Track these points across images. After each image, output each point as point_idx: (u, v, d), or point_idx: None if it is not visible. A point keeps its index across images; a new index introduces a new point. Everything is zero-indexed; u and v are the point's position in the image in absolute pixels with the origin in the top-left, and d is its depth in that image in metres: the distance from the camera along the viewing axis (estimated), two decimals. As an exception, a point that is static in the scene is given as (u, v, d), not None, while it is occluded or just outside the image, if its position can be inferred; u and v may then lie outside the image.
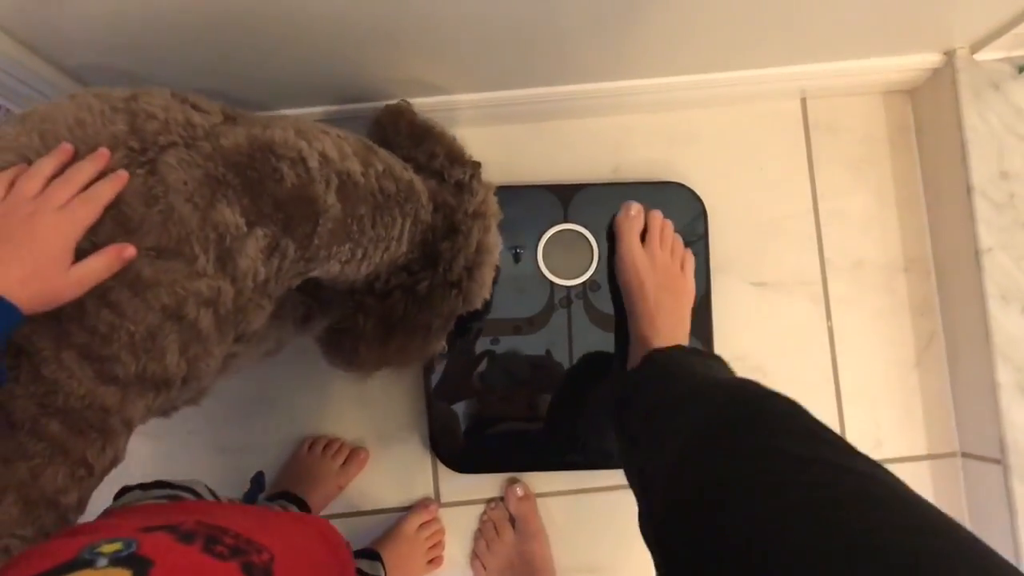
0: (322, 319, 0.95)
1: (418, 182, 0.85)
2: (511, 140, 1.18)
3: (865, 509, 0.48)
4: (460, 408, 1.14)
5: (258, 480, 0.95)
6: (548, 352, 1.14)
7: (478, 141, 1.16)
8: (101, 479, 0.61)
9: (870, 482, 0.51)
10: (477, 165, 0.95)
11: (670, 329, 1.03)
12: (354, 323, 0.90)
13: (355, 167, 0.74)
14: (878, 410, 1.17)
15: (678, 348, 0.96)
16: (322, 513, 1.14)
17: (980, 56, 1.07)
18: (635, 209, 1.09)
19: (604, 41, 0.96)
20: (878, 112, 1.20)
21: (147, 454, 1.14)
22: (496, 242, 0.96)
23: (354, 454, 1.15)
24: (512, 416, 1.14)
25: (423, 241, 0.86)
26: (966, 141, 1.06)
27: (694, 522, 0.56)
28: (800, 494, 0.51)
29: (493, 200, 0.95)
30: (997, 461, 1.05)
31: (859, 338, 1.18)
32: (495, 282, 1.05)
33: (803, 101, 1.20)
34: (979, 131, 1.06)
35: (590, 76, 1.07)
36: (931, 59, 1.09)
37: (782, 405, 0.65)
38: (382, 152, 0.81)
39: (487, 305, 1.05)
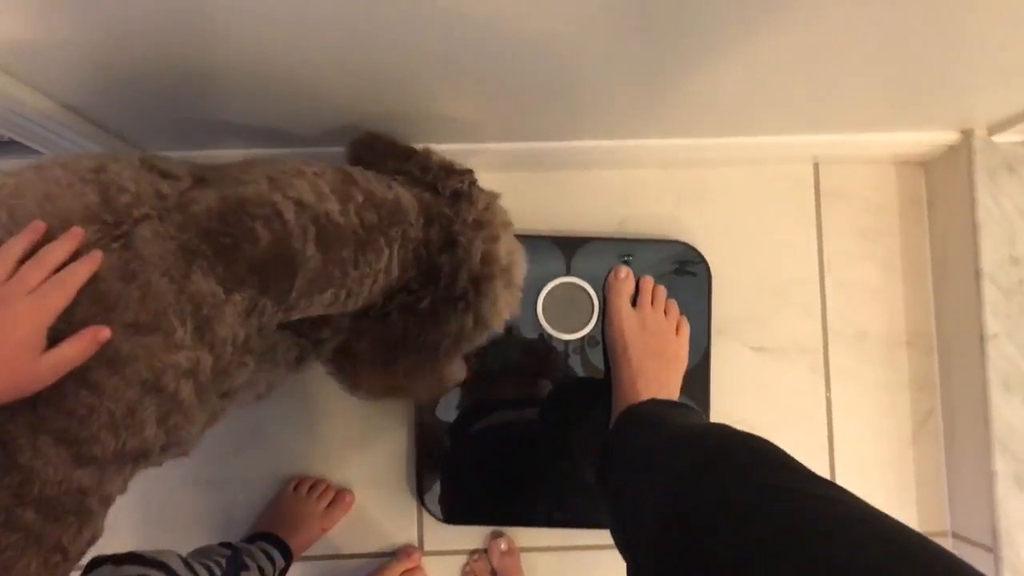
0: (317, 356, 0.93)
1: (405, 198, 0.80)
2: (517, 186, 1.16)
3: (835, 530, 0.51)
4: (448, 457, 1.12)
5: (234, 561, 0.93)
6: (541, 405, 1.13)
7: (482, 184, 1.15)
8: (77, 560, 0.59)
9: (840, 506, 0.55)
10: (471, 172, 0.90)
11: (651, 395, 1.02)
12: (350, 344, 0.87)
13: (333, 207, 0.72)
14: (871, 483, 1.16)
15: (652, 401, 0.97)
16: (303, 555, 1.12)
17: (998, 138, 1.05)
18: (624, 272, 1.09)
19: (624, 104, 0.94)
20: (890, 182, 1.18)
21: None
22: (510, 252, 0.89)
23: (339, 497, 1.13)
24: (500, 469, 1.13)
25: (418, 257, 0.81)
26: (978, 224, 1.04)
27: (682, 560, 0.57)
28: (779, 522, 0.54)
29: (499, 208, 0.91)
30: (989, 549, 1.04)
31: (857, 410, 1.17)
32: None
33: (816, 166, 1.18)
34: (992, 214, 1.04)
35: (604, 134, 1.06)
36: (948, 137, 1.08)
37: (756, 443, 0.69)
38: (361, 178, 0.77)
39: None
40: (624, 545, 0.73)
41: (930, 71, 0.86)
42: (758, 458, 0.66)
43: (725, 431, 0.73)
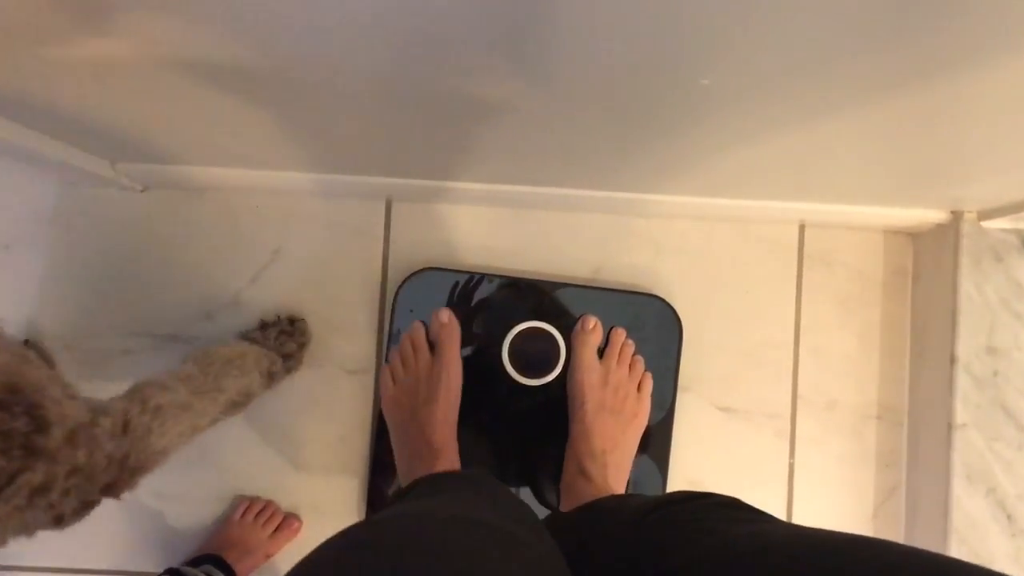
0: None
1: None
2: (495, 223, 1.14)
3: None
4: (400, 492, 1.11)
5: None
6: (500, 450, 1.11)
7: (455, 218, 1.14)
8: None
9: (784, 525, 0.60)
10: None
11: (600, 452, 1.02)
12: None
13: None
14: (827, 556, 1.14)
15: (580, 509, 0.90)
16: (247, 576, 1.11)
17: (988, 224, 1.02)
18: (592, 323, 1.07)
19: (609, 161, 0.91)
20: (877, 251, 1.15)
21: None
22: None
23: (287, 523, 1.12)
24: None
25: None
26: (958, 310, 1.01)
27: None
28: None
29: None
30: (935, 640, 1.02)
31: (819, 480, 1.15)
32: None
33: (801, 227, 1.15)
34: (974, 301, 1.01)
35: (586, 185, 1.03)
36: (937, 216, 1.05)
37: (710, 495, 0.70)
38: None
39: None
40: None
41: (927, 159, 0.83)
42: (710, 499, 0.68)
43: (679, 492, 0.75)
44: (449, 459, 1.00)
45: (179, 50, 0.58)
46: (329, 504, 1.14)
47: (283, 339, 1.07)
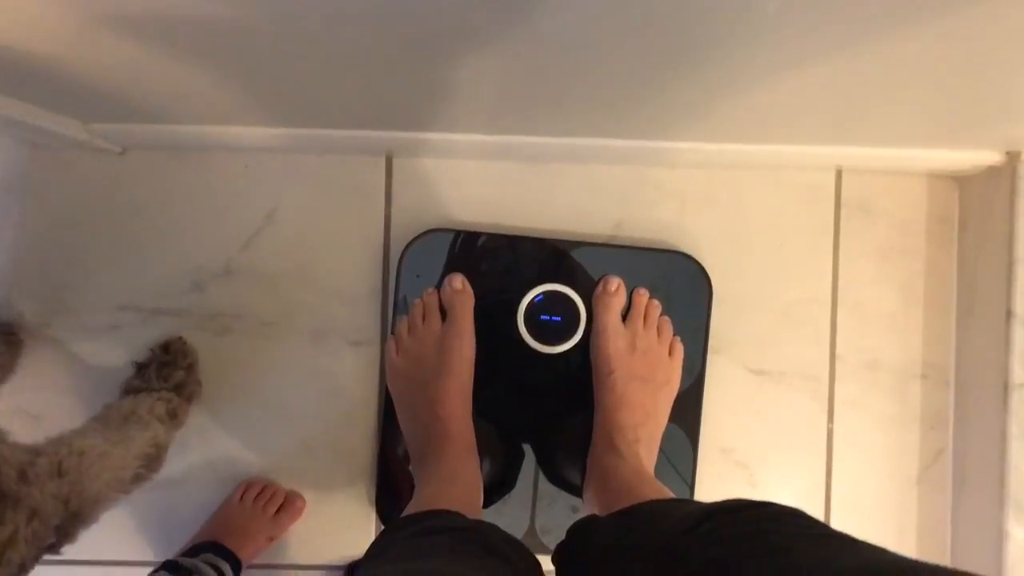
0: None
1: None
2: (505, 178, 1.05)
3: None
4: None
5: None
6: (516, 421, 1.03)
7: (462, 174, 1.05)
8: None
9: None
10: None
11: (632, 426, 0.94)
12: None
13: None
14: (868, 525, 1.07)
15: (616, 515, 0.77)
16: (254, 563, 1.04)
17: (1048, 164, 0.93)
18: (615, 284, 0.98)
19: (629, 105, 0.82)
20: (920, 197, 1.06)
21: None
22: None
23: (289, 502, 1.04)
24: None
25: None
26: (1015, 260, 0.93)
27: None
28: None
29: None
30: (990, 612, 0.95)
31: (860, 445, 1.07)
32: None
33: (838, 174, 1.06)
34: (1033, 250, 0.93)
35: (604, 133, 0.94)
36: (990, 157, 0.95)
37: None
38: None
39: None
40: None
41: (980, 92, 0.73)
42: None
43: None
44: (463, 441, 0.93)
45: None
46: (335, 485, 1.06)
47: (166, 372, 0.99)
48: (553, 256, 1.02)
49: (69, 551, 1.05)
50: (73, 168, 1.04)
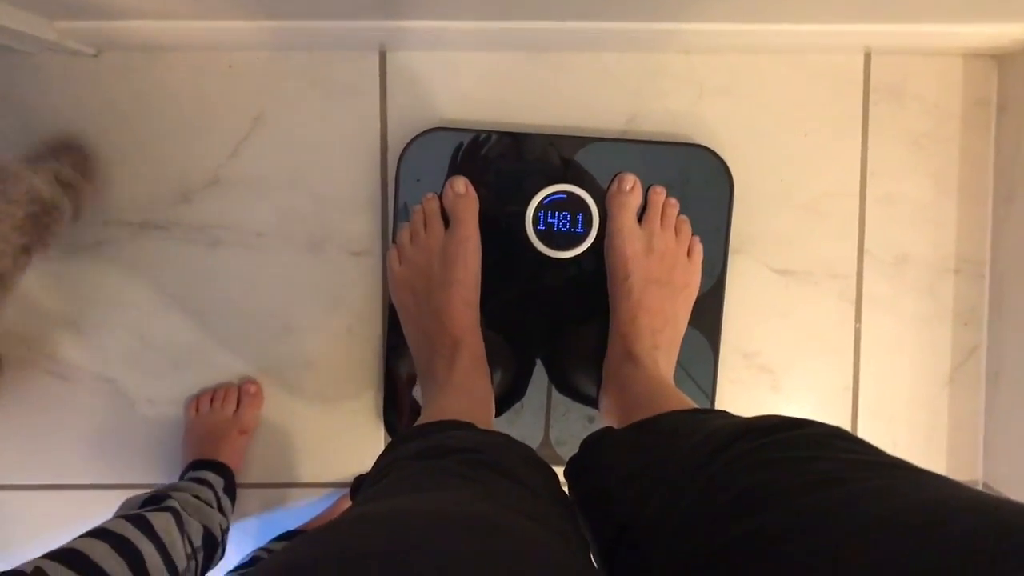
0: None
1: None
2: (508, 71, 0.98)
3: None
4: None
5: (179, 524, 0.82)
6: (526, 330, 0.98)
7: (461, 67, 0.98)
8: None
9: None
10: None
11: (650, 331, 0.88)
12: None
13: None
14: (897, 426, 1.03)
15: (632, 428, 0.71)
16: (260, 483, 1.01)
17: (1099, 34, 0.85)
18: (630, 182, 0.91)
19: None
20: (955, 79, 0.99)
21: (61, 402, 1.01)
22: None
23: (243, 393, 1.01)
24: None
25: None
26: (1062, 140, 0.86)
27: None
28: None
29: None
30: None
31: (889, 345, 1.02)
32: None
33: (867, 56, 0.98)
34: (1080, 129, 0.86)
35: (612, 15, 0.86)
36: (1035, 29, 0.88)
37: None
38: None
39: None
40: (628, 547, 0.57)
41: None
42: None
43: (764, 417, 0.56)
44: (472, 351, 0.87)
45: None
46: (340, 399, 1.02)
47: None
48: (562, 154, 0.95)
49: (60, 475, 1.03)
50: (45, 72, 0.96)
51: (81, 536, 0.71)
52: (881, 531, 0.37)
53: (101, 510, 0.83)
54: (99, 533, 0.72)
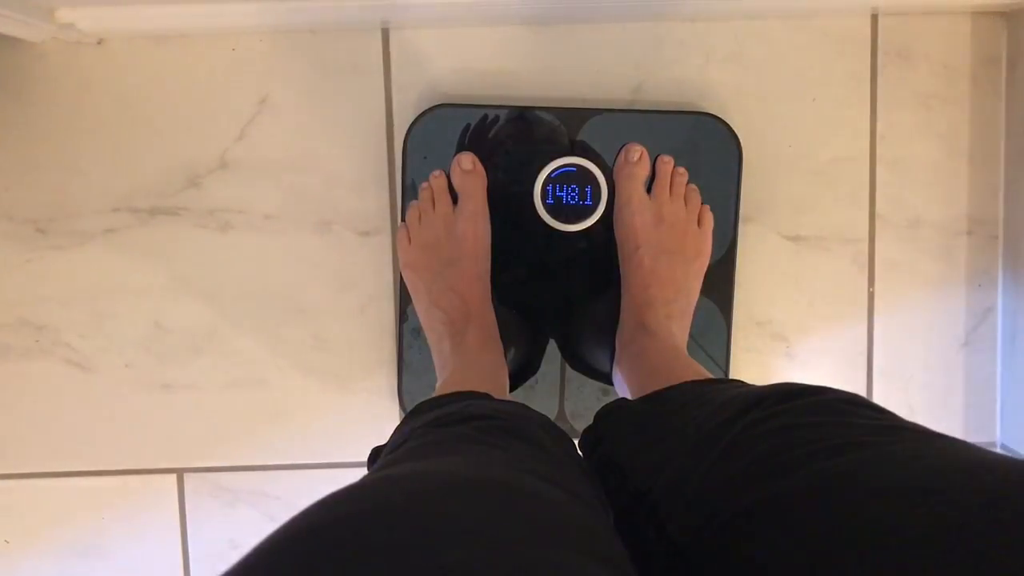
0: None
1: None
2: (511, 45, 0.97)
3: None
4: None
5: None
6: (537, 305, 0.98)
7: (464, 43, 0.97)
8: None
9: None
10: None
11: (663, 302, 0.88)
12: None
13: None
14: (912, 391, 1.03)
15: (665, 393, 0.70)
16: (278, 464, 1.02)
17: (1110, -14, 0.84)
18: (637, 152, 0.91)
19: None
20: (963, 38, 0.98)
21: (78, 391, 1.01)
22: None
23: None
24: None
25: None
26: (1074, 96, 0.85)
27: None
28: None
29: None
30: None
31: (903, 309, 1.02)
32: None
33: (874, 18, 0.97)
34: (1092, 84, 0.85)
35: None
36: (1046, -16, 0.87)
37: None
38: None
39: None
40: (645, 515, 0.57)
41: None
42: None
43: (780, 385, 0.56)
44: (485, 326, 0.87)
45: None
46: (354, 379, 1.02)
47: None
48: (568, 127, 0.95)
49: (74, 463, 1.03)
50: (49, 62, 0.97)
51: None
52: (902, 496, 0.37)
53: (119, 498, 0.84)
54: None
